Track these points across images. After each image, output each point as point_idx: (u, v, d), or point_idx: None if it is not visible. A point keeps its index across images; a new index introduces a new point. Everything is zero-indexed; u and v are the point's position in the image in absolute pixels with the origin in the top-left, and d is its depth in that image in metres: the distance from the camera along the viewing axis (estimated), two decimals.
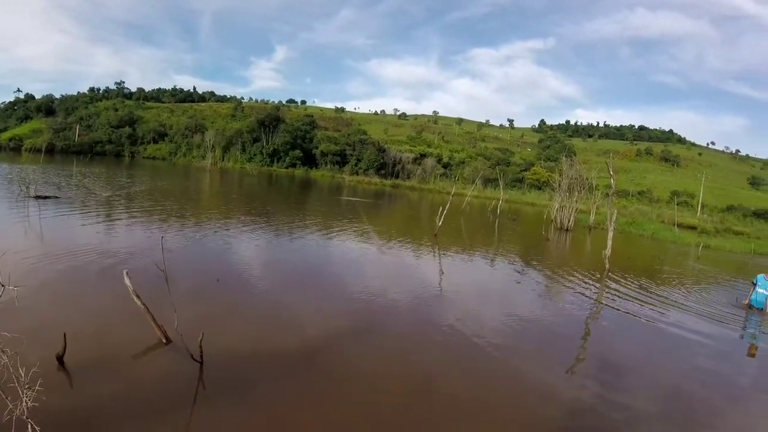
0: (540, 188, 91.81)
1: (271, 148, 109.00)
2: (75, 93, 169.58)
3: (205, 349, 8.64)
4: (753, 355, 12.67)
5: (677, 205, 67.96)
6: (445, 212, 28.98)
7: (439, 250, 24.60)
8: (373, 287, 16.00)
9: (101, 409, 7.10)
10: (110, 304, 11.12)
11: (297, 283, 15.81)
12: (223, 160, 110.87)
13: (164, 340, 9.42)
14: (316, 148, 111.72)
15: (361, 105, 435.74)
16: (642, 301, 17.33)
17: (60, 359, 8.10)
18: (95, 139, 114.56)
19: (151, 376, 8.34)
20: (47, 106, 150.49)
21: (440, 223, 28.47)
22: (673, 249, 37.07)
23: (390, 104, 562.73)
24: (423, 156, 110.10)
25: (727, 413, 9.46)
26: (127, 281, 9.40)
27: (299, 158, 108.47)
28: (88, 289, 12.47)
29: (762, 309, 16.37)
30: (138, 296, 9.31)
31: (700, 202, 79.68)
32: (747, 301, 16.81)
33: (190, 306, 11.55)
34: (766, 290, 16.32)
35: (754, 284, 16.59)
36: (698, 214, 70.79)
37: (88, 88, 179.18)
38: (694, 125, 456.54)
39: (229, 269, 16.26)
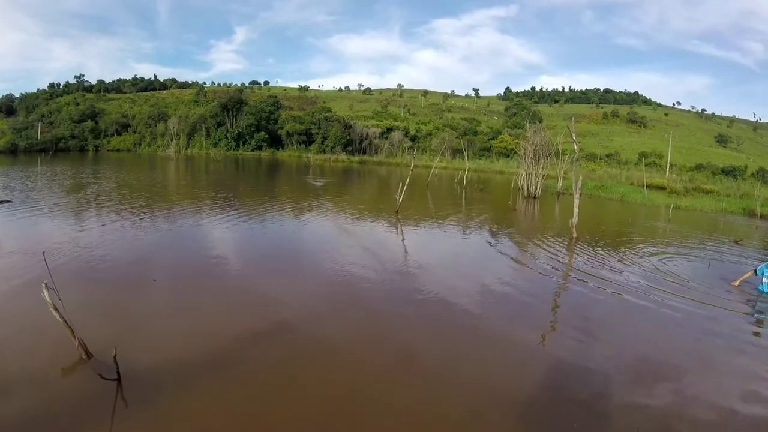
0: (508, 156, 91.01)
1: (236, 132, 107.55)
2: (35, 90, 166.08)
3: (133, 361, 8.33)
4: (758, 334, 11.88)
5: (646, 166, 67.72)
6: (405, 187, 28.04)
7: (401, 227, 23.94)
8: (339, 267, 15.74)
9: None
10: (32, 318, 10.23)
11: (238, 278, 14.81)
12: (188, 147, 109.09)
13: (85, 356, 8.67)
14: (282, 128, 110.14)
15: (325, 82, 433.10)
16: (610, 269, 16.80)
17: None
18: (58, 135, 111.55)
19: (68, 396, 7.70)
20: (7, 106, 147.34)
21: (401, 200, 27.59)
22: (643, 211, 36.64)
23: (354, 80, 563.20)
24: (390, 130, 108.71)
25: (693, 376, 9.35)
26: (44, 294, 8.63)
27: (265, 140, 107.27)
28: (9, 300, 11.56)
29: None
30: (56, 309, 8.60)
31: (668, 162, 79.91)
32: (738, 283, 15.26)
33: (117, 313, 11.14)
34: None
35: (757, 274, 15.42)
36: (667, 174, 70.90)
37: (47, 85, 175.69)
38: (659, 86, 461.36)
39: (170, 268, 15.38)
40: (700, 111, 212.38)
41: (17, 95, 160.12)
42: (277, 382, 8.30)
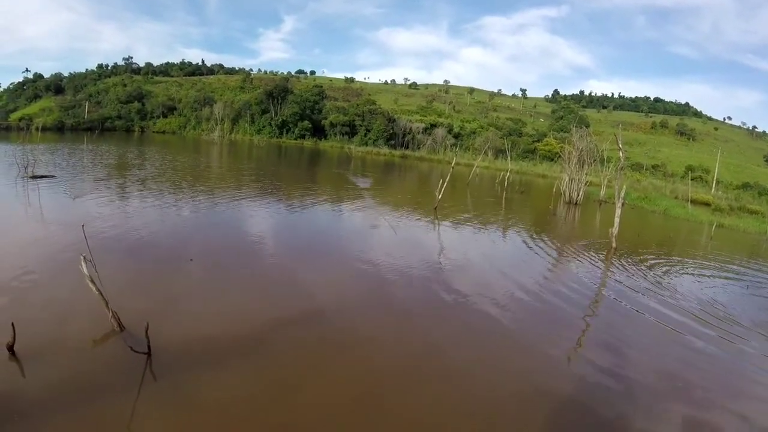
0: (552, 159, 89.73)
1: (280, 120, 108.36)
2: (83, 70, 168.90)
3: (164, 337, 8.74)
4: None
5: (691, 180, 66.34)
6: (445, 185, 28.19)
7: (439, 224, 24.12)
8: (373, 260, 16.13)
9: (47, 399, 7.05)
10: (70, 288, 10.79)
11: (273, 263, 15.42)
12: (232, 132, 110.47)
13: (117, 328, 9.17)
14: (325, 118, 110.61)
15: (371, 75, 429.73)
16: (645, 287, 16.56)
17: (10, 349, 8.00)
18: (105, 115, 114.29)
19: (99, 365, 8.18)
20: (56, 85, 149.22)
21: (440, 197, 27.82)
22: (685, 227, 36.03)
23: (400, 74, 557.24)
24: (433, 126, 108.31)
25: (717, 408, 9.18)
26: (83, 267, 9.08)
27: (308, 129, 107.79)
28: (49, 271, 12.18)
29: None
30: (93, 282, 9.05)
31: (715, 178, 78.08)
32: None
33: (152, 289, 11.73)
34: None
35: None
36: (713, 190, 69.36)
37: (96, 65, 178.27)
38: (710, 99, 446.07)
39: (207, 249, 15.93)
40: (750, 128, 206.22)
41: (66, 74, 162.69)
42: (300, 371, 8.59)
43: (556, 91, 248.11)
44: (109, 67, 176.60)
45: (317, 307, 11.44)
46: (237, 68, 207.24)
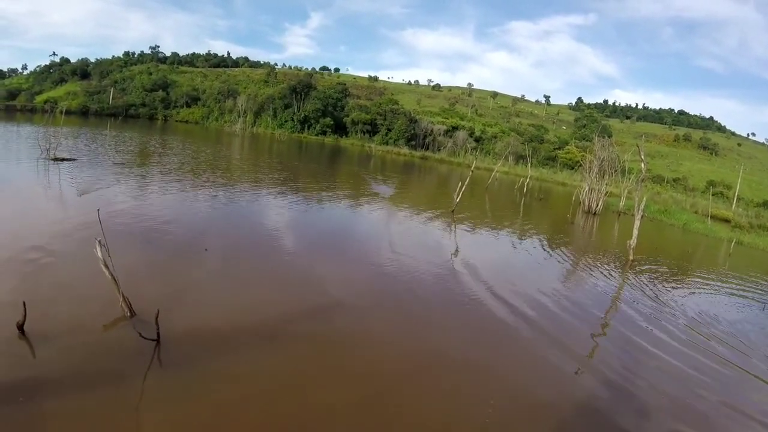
0: (573, 168, 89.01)
1: (302, 115, 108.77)
2: (110, 57, 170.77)
3: (175, 325, 8.77)
4: None
5: (712, 195, 65.58)
6: (463, 188, 28.12)
7: (455, 227, 24.03)
8: (388, 260, 16.04)
9: (54, 380, 7.07)
10: (83, 273, 10.84)
11: (288, 258, 15.33)
12: (254, 125, 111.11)
13: (128, 314, 9.18)
14: (347, 116, 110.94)
15: (394, 75, 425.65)
16: (660, 303, 16.25)
17: (21, 328, 8.05)
18: (129, 102, 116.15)
19: (107, 349, 8.17)
20: (82, 70, 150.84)
21: (458, 200, 27.67)
22: (704, 242, 35.58)
23: (424, 75, 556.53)
24: (455, 129, 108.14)
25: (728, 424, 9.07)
26: (97, 251, 9.08)
27: (330, 126, 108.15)
28: (65, 254, 12.21)
29: None
30: (107, 266, 9.06)
31: (736, 194, 77.03)
32: None
33: (166, 277, 11.79)
34: None
35: None
36: (733, 206, 68.39)
37: (122, 53, 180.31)
38: (735, 114, 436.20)
39: (223, 240, 16.00)
40: None
41: (92, 60, 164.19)
42: (310, 367, 8.57)
43: (579, 99, 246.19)
44: (135, 55, 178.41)
45: (329, 305, 11.43)
46: (262, 62, 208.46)
